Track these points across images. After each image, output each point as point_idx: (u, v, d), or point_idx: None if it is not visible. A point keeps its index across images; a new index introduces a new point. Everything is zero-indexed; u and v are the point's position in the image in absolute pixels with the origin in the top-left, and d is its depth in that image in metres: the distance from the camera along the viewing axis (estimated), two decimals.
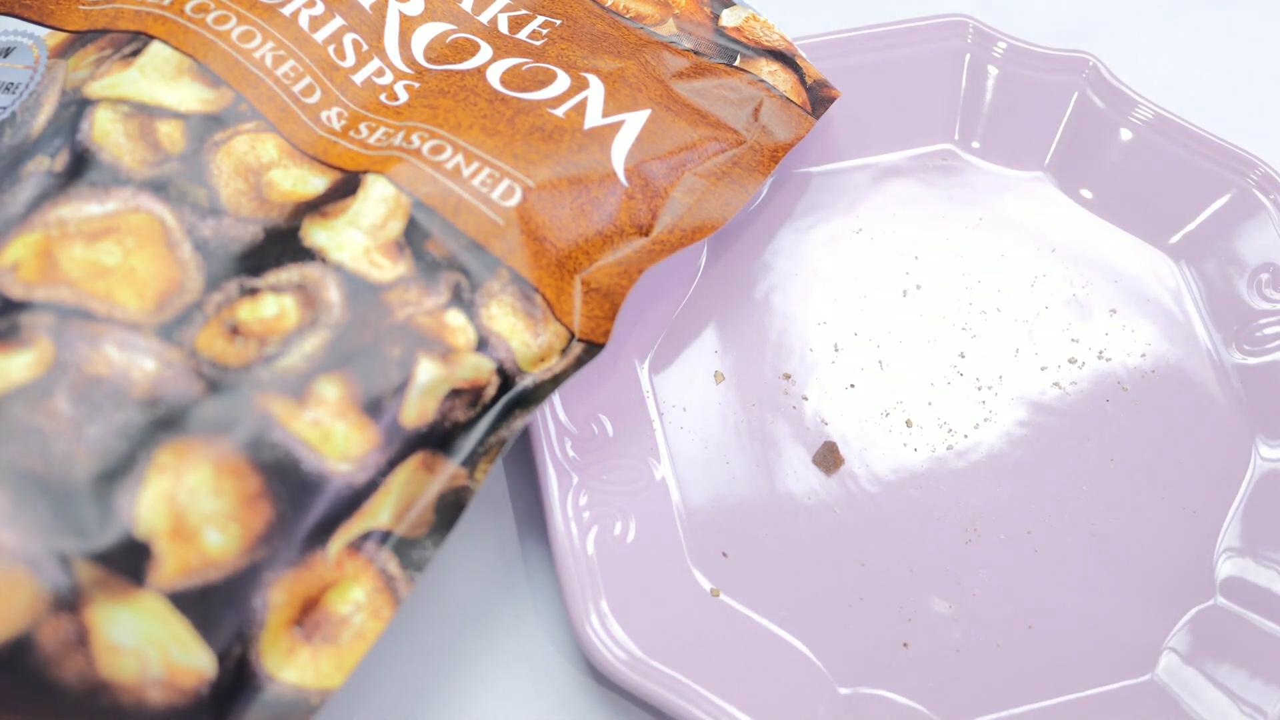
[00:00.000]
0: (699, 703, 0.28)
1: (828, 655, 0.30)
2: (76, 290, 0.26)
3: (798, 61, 0.36)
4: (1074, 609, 0.31)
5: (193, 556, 0.24)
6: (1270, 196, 0.36)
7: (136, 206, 0.27)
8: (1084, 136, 0.37)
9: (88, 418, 0.25)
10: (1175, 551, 0.32)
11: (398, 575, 0.27)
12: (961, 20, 0.38)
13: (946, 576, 0.31)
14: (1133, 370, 0.35)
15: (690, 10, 0.36)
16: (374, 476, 0.26)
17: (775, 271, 0.36)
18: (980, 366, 0.34)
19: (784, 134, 0.35)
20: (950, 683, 0.30)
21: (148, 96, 0.29)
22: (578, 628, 0.28)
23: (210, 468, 0.25)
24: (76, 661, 0.23)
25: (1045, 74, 0.38)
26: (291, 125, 0.30)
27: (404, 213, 0.29)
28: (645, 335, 0.34)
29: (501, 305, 0.28)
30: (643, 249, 0.31)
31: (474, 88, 0.32)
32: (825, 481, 0.32)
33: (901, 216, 0.37)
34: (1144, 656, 0.31)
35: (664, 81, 0.34)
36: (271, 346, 0.27)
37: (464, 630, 0.31)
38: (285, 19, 0.31)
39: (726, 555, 0.31)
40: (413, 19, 0.33)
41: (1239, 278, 0.35)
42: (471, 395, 0.28)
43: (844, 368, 0.34)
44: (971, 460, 0.33)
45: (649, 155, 0.32)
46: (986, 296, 0.36)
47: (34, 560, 0.23)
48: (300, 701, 0.25)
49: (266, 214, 0.28)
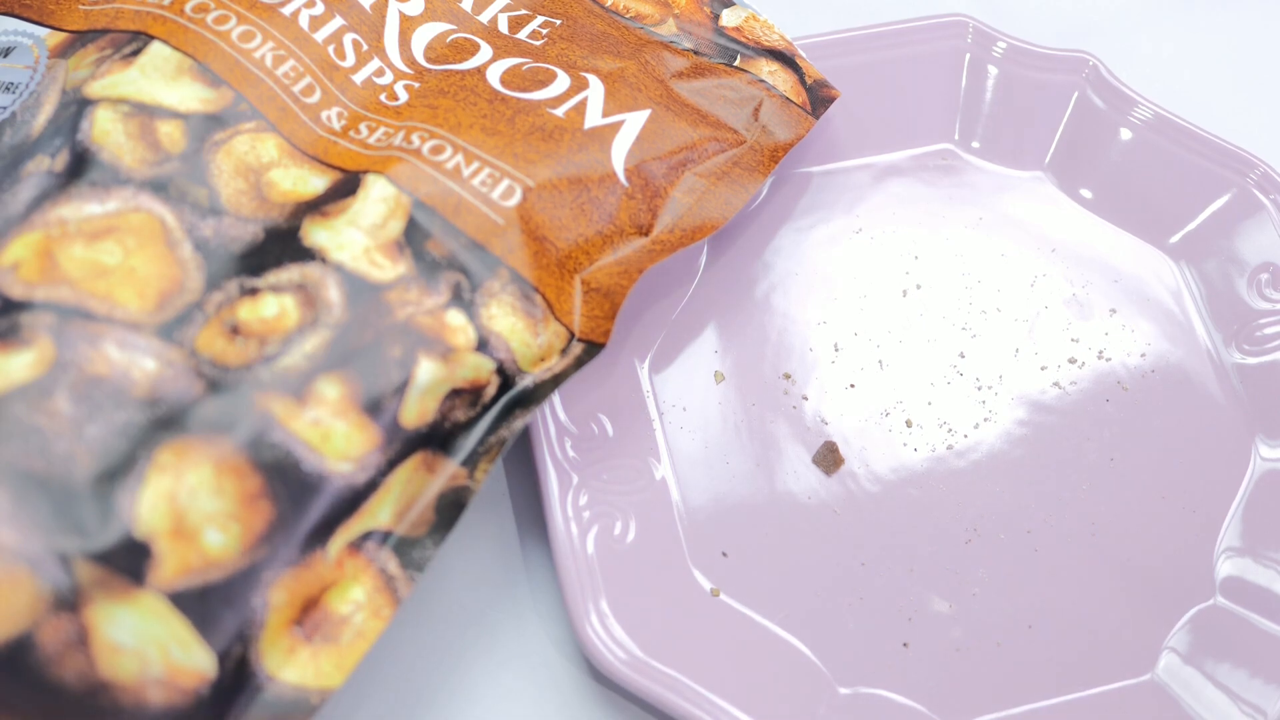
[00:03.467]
0: (699, 703, 0.28)
1: (828, 655, 0.30)
2: (77, 290, 0.26)
3: (798, 61, 0.36)
4: (1074, 609, 0.31)
5: (193, 556, 0.24)
6: (1270, 196, 0.36)
7: (137, 206, 0.27)
8: (1084, 136, 0.37)
9: (88, 417, 0.25)
10: (1175, 551, 0.32)
11: (398, 575, 0.27)
12: (961, 20, 0.38)
13: (946, 576, 0.31)
14: (1133, 370, 0.35)
15: (690, 10, 0.36)
16: (374, 476, 0.26)
17: (775, 271, 0.36)
18: (980, 366, 0.34)
19: (784, 134, 0.35)
20: (950, 682, 0.30)
21: (148, 96, 0.29)
22: (578, 627, 0.28)
23: (211, 467, 0.25)
24: (76, 661, 0.23)
25: (1045, 74, 0.38)
26: (292, 125, 0.30)
27: (404, 212, 0.29)
28: (645, 335, 0.34)
29: (501, 305, 0.28)
30: (643, 249, 0.31)
31: (474, 87, 0.32)
32: (825, 481, 0.32)
33: (901, 216, 0.37)
34: (1144, 656, 0.31)
35: (664, 81, 0.34)
36: (272, 346, 0.27)
37: (464, 630, 0.31)
38: (285, 19, 0.31)
39: (726, 555, 0.31)
40: (413, 19, 0.33)
41: (1239, 277, 0.35)
42: (472, 395, 0.28)
43: (844, 367, 0.34)
44: (971, 460, 0.33)
45: (649, 155, 0.32)
46: (986, 296, 0.36)
47: (34, 560, 0.23)
48: (300, 701, 0.25)
49: (267, 214, 0.28)
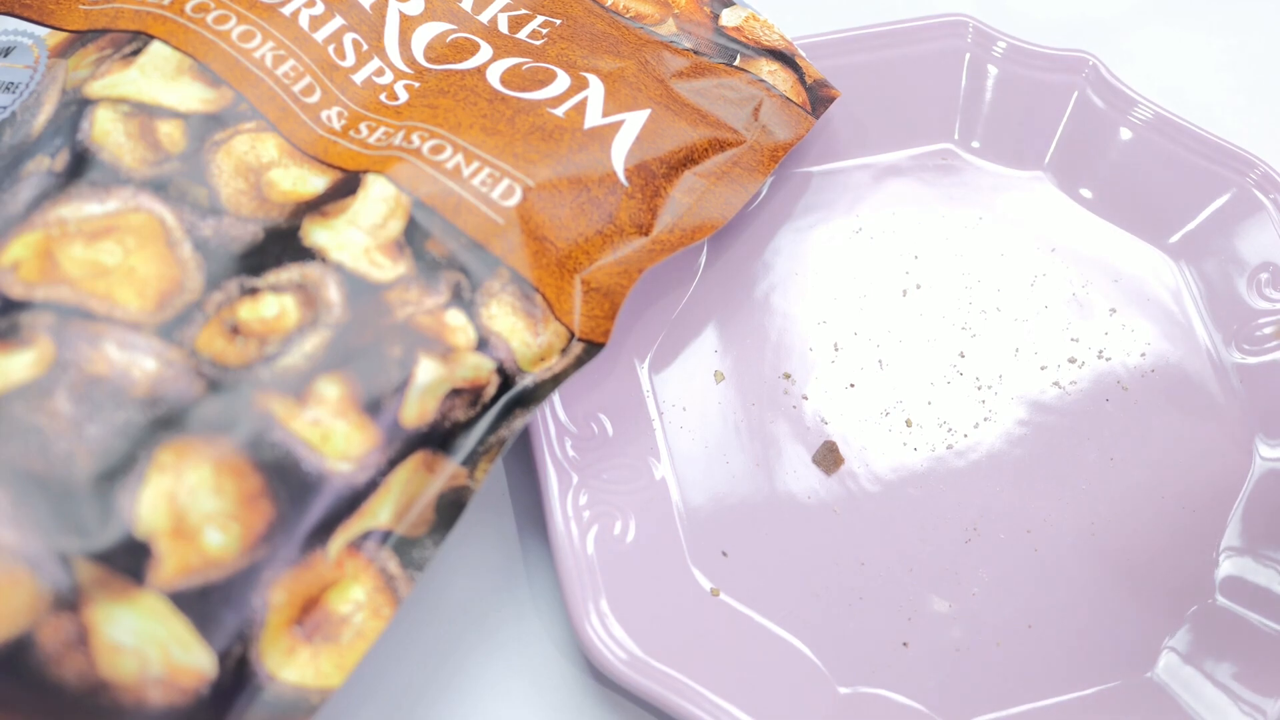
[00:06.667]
0: (699, 702, 0.28)
1: (828, 655, 0.30)
2: (77, 290, 0.26)
3: (797, 61, 0.36)
4: (1074, 608, 0.31)
5: (193, 556, 0.24)
6: (1270, 196, 0.36)
7: (137, 206, 0.27)
8: (1084, 136, 0.37)
9: (88, 417, 0.25)
10: (1175, 551, 0.32)
11: (398, 574, 0.27)
12: (961, 20, 0.38)
13: (946, 576, 0.31)
14: (1133, 370, 0.35)
15: (690, 10, 0.36)
16: (374, 476, 0.26)
17: (775, 271, 0.36)
18: (980, 366, 0.34)
19: (784, 133, 0.35)
20: (950, 682, 0.30)
21: (148, 96, 0.29)
22: (578, 627, 0.28)
23: (211, 467, 0.25)
24: (77, 661, 0.23)
25: (1045, 74, 0.38)
26: (291, 125, 0.30)
27: (404, 212, 0.29)
28: (645, 335, 0.34)
29: (501, 305, 0.28)
30: (643, 248, 0.31)
31: (474, 87, 0.32)
32: (825, 481, 0.32)
33: (901, 216, 0.37)
34: (1144, 656, 0.31)
35: (664, 81, 0.34)
36: (272, 346, 0.27)
37: (464, 630, 0.31)
38: (285, 19, 0.31)
39: (726, 555, 0.31)
40: (413, 18, 0.33)
41: (1239, 277, 0.35)
42: (471, 395, 0.28)
43: (844, 367, 0.34)
44: (971, 460, 0.33)
45: (649, 155, 0.32)
46: (986, 296, 0.36)
47: (34, 559, 0.23)
48: (300, 701, 0.25)
49: (267, 213, 0.28)
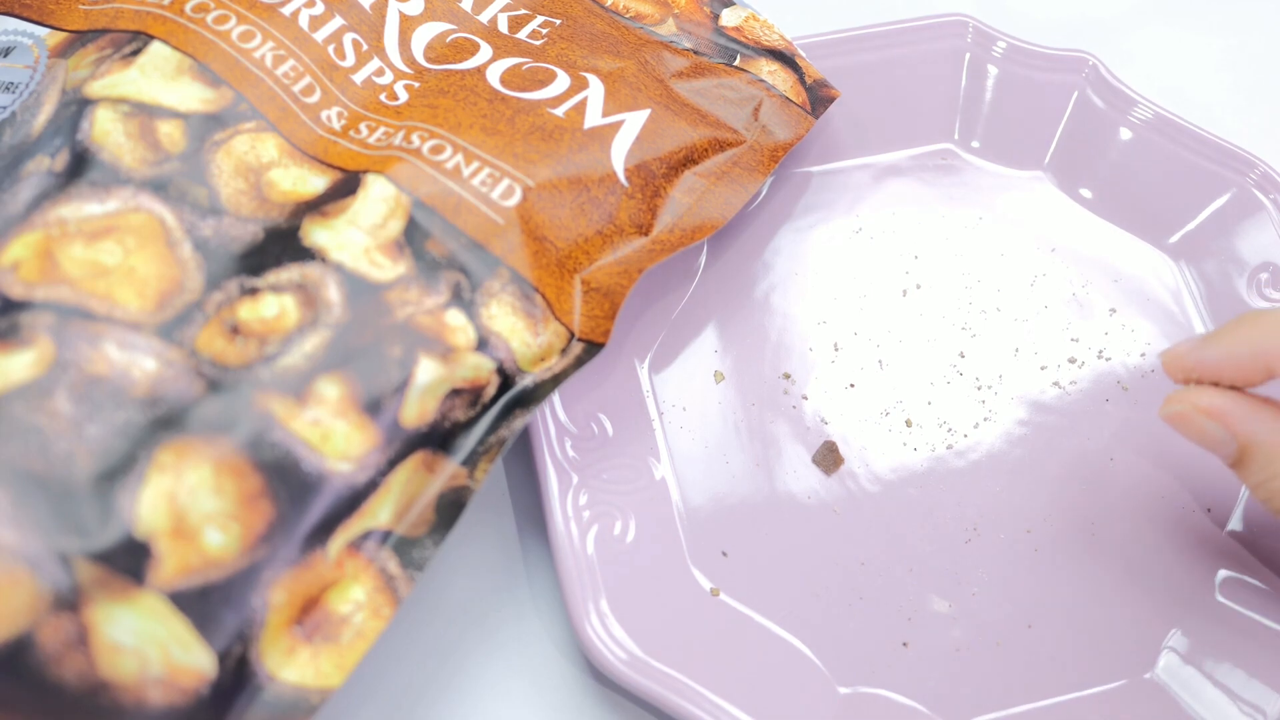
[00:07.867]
0: (699, 702, 0.28)
1: (828, 655, 0.30)
2: (77, 290, 0.26)
3: (797, 61, 0.36)
4: (1074, 608, 0.31)
5: (193, 556, 0.24)
6: (1270, 196, 0.36)
7: (137, 206, 0.27)
8: (1084, 136, 0.37)
9: (88, 417, 0.25)
10: (1175, 551, 0.32)
11: (398, 574, 0.27)
12: (961, 20, 0.38)
13: (946, 576, 0.31)
14: (1133, 370, 0.35)
15: (690, 10, 0.36)
16: (374, 476, 0.26)
17: (775, 271, 0.36)
18: (980, 366, 0.34)
19: (784, 133, 0.35)
20: (950, 682, 0.30)
21: (148, 96, 0.29)
22: (578, 627, 0.28)
23: (210, 467, 0.25)
24: (76, 661, 0.23)
25: (1045, 74, 0.38)
26: (291, 125, 0.30)
27: (404, 212, 0.29)
28: (645, 335, 0.34)
29: (501, 305, 0.28)
30: (643, 248, 0.31)
31: (474, 87, 0.32)
32: (825, 481, 0.32)
33: (901, 216, 0.37)
34: (1143, 656, 0.31)
35: (664, 81, 0.34)
36: (272, 346, 0.27)
37: (464, 630, 0.31)
38: (285, 19, 0.31)
39: (726, 555, 0.31)
40: (413, 19, 0.33)
41: (1239, 277, 0.35)
42: (471, 395, 0.28)
43: (844, 367, 0.34)
44: (971, 460, 0.33)
45: (649, 155, 0.32)
46: (986, 296, 0.36)
47: (34, 560, 0.23)
48: (300, 701, 0.25)
49: (266, 213, 0.28)
